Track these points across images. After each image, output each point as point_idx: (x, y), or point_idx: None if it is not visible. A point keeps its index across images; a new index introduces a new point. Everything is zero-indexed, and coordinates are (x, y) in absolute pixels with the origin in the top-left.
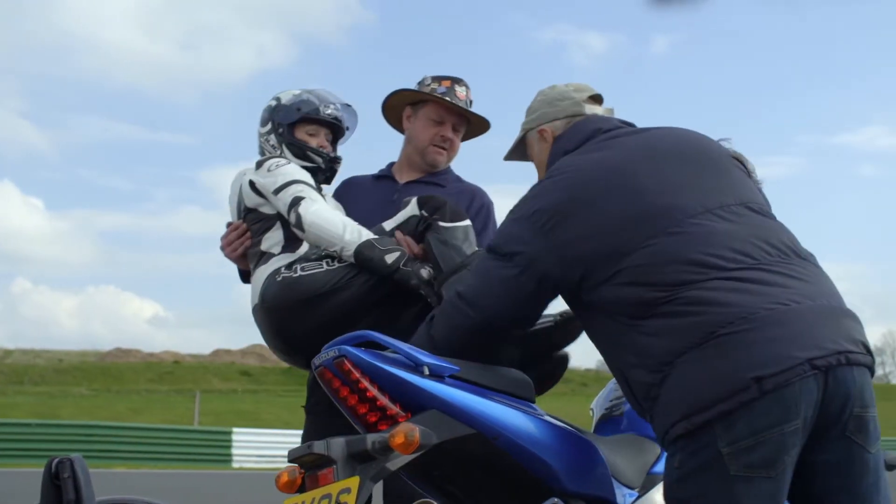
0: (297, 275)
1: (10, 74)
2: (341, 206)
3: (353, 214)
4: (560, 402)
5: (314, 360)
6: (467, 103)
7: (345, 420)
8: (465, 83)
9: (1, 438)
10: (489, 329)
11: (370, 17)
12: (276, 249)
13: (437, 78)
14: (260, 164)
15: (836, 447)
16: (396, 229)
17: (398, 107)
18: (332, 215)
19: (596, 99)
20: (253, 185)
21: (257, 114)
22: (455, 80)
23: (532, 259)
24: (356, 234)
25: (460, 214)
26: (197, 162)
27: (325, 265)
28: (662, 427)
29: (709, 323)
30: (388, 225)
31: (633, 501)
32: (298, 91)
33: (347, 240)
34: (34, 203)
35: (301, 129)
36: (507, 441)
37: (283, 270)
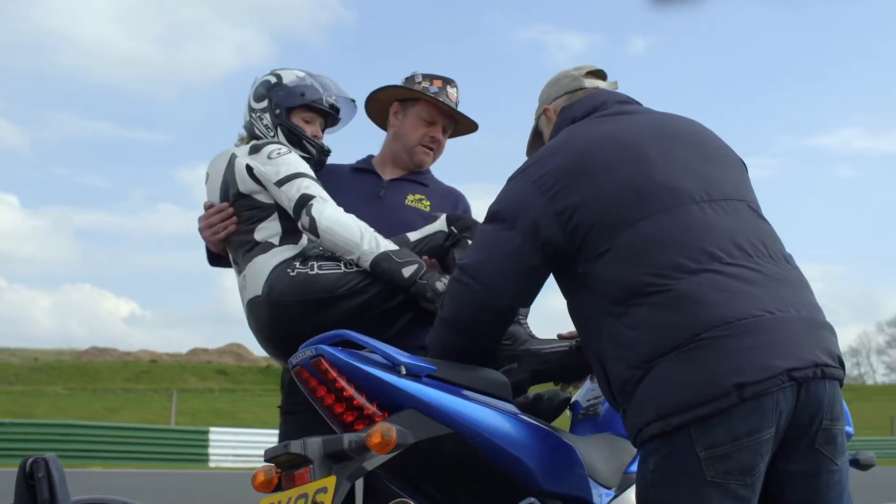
0: (314, 272)
1: None
2: None
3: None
4: None
5: (291, 359)
6: (456, 104)
7: (322, 421)
8: (455, 84)
9: None
10: (494, 304)
11: (349, 15)
12: (275, 240)
13: (429, 76)
14: (257, 149)
15: (804, 458)
16: (421, 241)
17: (385, 101)
18: (349, 220)
19: (597, 74)
20: (251, 170)
21: (236, 112)
22: (447, 81)
23: (535, 224)
24: (374, 243)
25: None
26: (174, 160)
27: (342, 267)
28: (636, 424)
29: (694, 325)
30: (413, 236)
31: (610, 501)
32: (301, 73)
33: (365, 249)
34: (9, 200)
35: (297, 115)
36: (484, 441)
37: (298, 265)
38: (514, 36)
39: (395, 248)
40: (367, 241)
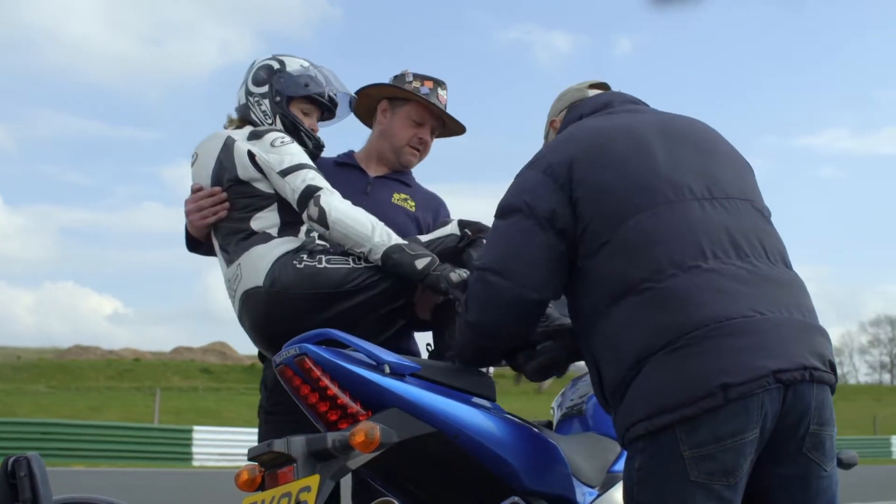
0: (322, 265)
1: None
2: None
3: None
4: (522, 402)
5: (275, 357)
6: (445, 106)
7: (306, 422)
8: (445, 86)
9: None
10: (528, 297)
11: (336, 13)
12: (273, 231)
13: (420, 77)
14: (258, 135)
15: (793, 463)
16: (433, 242)
17: (373, 97)
18: (359, 213)
19: (601, 86)
20: (252, 157)
21: (222, 110)
22: (437, 82)
23: (552, 211)
24: (385, 236)
25: None
26: (159, 158)
27: (351, 262)
28: (623, 425)
29: (683, 323)
30: (425, 238)
31: (593, 500)
32: (305, 63)
33: (376, 242)
34: None
35: (297, 105)
36: (468, 440)
37: (305, 258)
38: (499, 35)
39: (405, 241)
40: (378, 233)
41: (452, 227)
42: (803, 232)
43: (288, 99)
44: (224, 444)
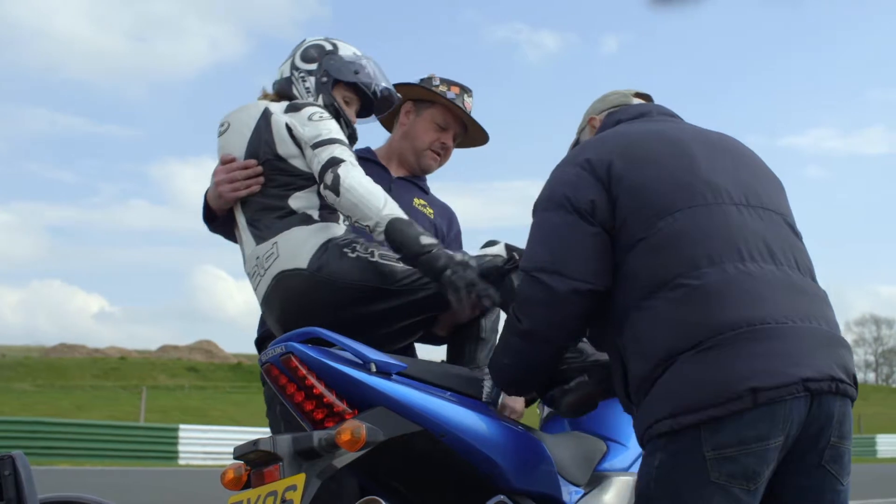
0: (374, 258)
1: None
2: None
3: None
4: None
5: (261, 356)
6: (470, 113)
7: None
8: (471, 93)
9: None
10: (579, 289)
11: (325, 11)
12: (314, 213)
13: (447, 81)
14: (296, 108)
15: (811, 474)
16: (480, 257)
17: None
18: (374, 186)
19: (644, 96)
20: (290, 130)
21: (210, 108)
22: (464, 89)
23: (592, 203)
24: (396, 210)
25: None
26: (145, 156)
27: (401, 261)
28: (646, 422)
29: (716, 324)
30: (472, 253)
31: (579, 499)
32: (358, 52)
33: (384, 215)
34: None
35: (339, 91)
36: (454, 438)
37: (358, 248)
38: (488, 34)
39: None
40: (389, 207)
41: (500, 249)
42: None
43: (334, 82)
44: (210, 443)
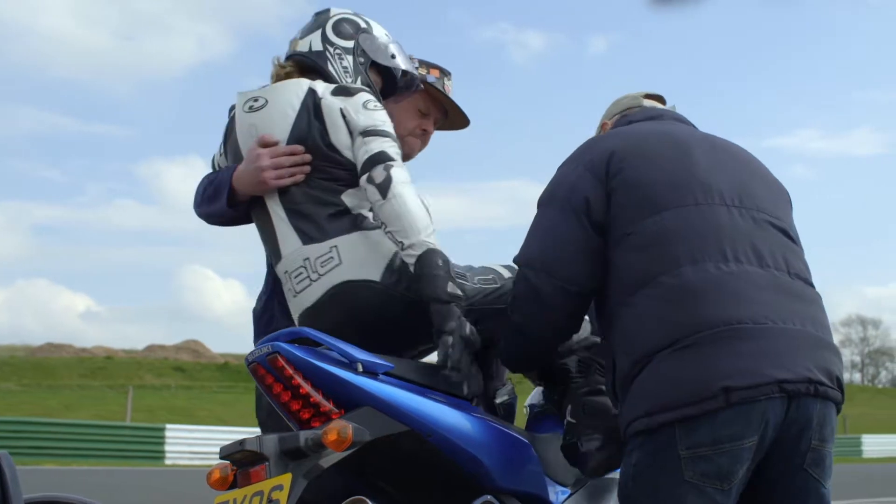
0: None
1: None
2: None
3: None
4: None
5: (247, 356)
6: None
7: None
8: (451, 76)
9: None
10: (566, 290)
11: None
12: (367, 213)
13: (426, 64)
14: (348, 92)
15: (793, 477)
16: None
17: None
18: (422, 205)
19: (656, 97)
20: (344, 116)
21: (198, 106)
22: (444, 72)
23: (587, 202)
24: (435, 240)
25: None
26: (133, 155)
27: (483, 284)
28: (626, 420)
29: (695, 322)
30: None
31: (566, 499)
32: (388, 33)
33: (424, 239)
34: None
35: (371, 72)
36: (440, 438)
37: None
38: (474, 34)
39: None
40: (431, 234)
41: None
42: None
43: (370, 63)
44: (196, 443)
